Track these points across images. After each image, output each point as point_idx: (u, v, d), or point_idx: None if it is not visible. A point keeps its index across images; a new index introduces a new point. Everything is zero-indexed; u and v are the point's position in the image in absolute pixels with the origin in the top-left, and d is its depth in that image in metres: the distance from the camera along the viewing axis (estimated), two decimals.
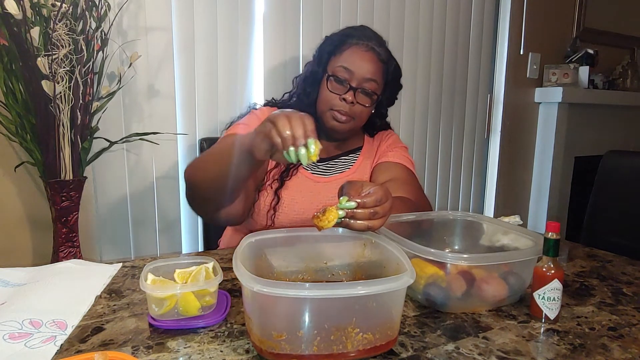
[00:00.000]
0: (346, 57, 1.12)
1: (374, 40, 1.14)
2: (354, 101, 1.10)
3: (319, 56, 1.18)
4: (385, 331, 0.61)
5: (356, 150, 1.25)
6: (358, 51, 1.12)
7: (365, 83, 1.11)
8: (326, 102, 1.12)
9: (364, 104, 1.12)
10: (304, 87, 1.19)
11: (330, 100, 1.11)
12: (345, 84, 1.10)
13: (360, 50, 1.12)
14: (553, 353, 0.63)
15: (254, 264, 0.74)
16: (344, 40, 1.14)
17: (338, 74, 1.11)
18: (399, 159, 1.23)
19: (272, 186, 1.15)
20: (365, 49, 1.12)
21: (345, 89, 1.10)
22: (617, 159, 1.55)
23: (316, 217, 0.71)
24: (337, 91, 1.11)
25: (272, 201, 1.14)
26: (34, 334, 0.63)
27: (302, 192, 1.15)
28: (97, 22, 1.21)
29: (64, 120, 1.15)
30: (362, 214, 0.71)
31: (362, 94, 1.11)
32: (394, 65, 1.18)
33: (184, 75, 1.54)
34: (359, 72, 1.10)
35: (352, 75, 1.10)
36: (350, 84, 1.10)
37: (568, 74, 2.36)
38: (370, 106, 1.14)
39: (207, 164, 0.96)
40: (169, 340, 0.64)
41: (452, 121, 2.20)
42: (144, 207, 1.54)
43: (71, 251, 1.23)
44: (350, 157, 1.24)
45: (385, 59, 1.14)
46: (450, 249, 0.96)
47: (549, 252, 0.71)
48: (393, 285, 0.58)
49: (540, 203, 2.49)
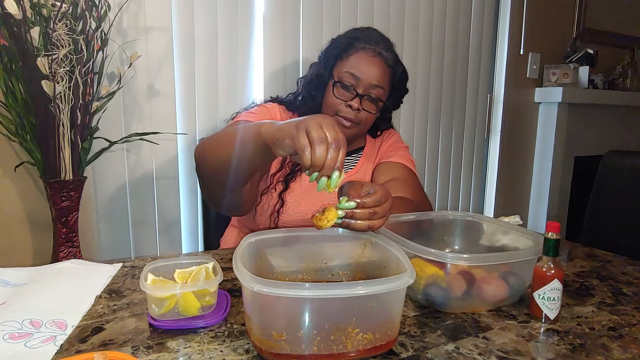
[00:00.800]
0: (353, 62, 1.09)
1: (381, 45, 1.11)
2: (359, 108, 1.08)
3: (325, 59, 1.15)
4: (385, 331, 0.61)
5: (358, 151, 1.25)
6: (365, 56, 1.09)
7: (371, 90, 1.09)
8: (331, 107, 1.10)
9: (370, 111, 1.11)
10: (309, 90, 1.17)
11: (335, 105, 1.10)
12: (351, 91, 1.08)
13: (367, 55, 1.09)
14: (553, 353, 0.63)
15: (254, 264, 0.74)
16: (351, 44, 1.11)
17: (344, 79, 1.09)
18: (400, 159, 1.22)
19: (276, 189, 1.13)
20: (372, 54, 1.09)
21: (352, 95, 1.08)
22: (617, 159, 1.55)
23: (315, 217, 0.71)
24: (342, 97, 1.09)
25: (276, 204, 1.13)
26: (34, 334, 0.63)
27: (306, 193, 1.15)
28: (97, 22, 1.21)
29: (64, 120, 1.15)
30: (361, 214, 0.71)
31: (368, 100, 1.10)
32: (401, 70, 1.16)
33: (184, 75, 1.54)
34: (365, 79, 1.08)
35: (358, 81, 1.08)
36: (356, 91, 1.08)
37: (568, 74, 2.36)
38: (375, 112, 1.13)
39: (219, 146, 0.90)
40: (169, 340, 0.64)
41: (452, 121, 2.20)
42: (144, 207, 1.54)
43: (71, 251, 1.23)
44: (352, 158, 1.23)
45: (392, 64, 1.12)
46: (450, 249, 0.96)
47: (549, 252, 0.71)
48: (393, 285, 0.58)
49: (540, 203, 2.49)
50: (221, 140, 0.91)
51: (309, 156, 0.66)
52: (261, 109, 1.16)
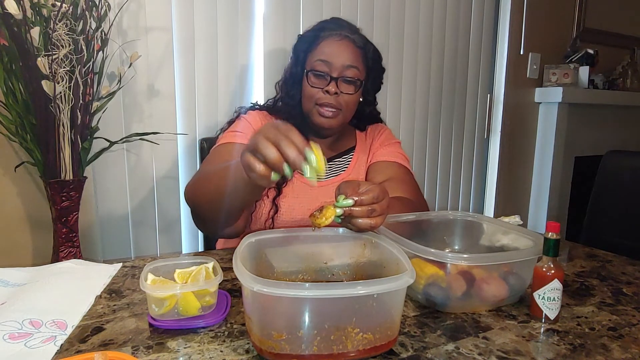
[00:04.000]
0: (322, 49, 1.10)
1: (346, 29, 1.13)
2: (337, 91, 1.08)
3: (296, 56, 1.16)
4: (385, 331, 0.61)
5: (350, 151, 1.24)
6: (332, 42, 1.11)
7: (345, 71, 1.09)
8: (310, 99, 1.10)
9: (348, 92, 1.10)
10: (287, 90, 1.17)
11: (313, 95, 1.10)
12: (325, 76, 1.09)
13: (334, 40, 1.11)
14: (553, 353, 0.63)
15: (254, 264, 0.74)
16: (317, 35, 1.13)
17: (317, 67, 1.09)
18: (394, 157, 1.21)
19: (269, 195, 1.13)
20: (339, 38, 1.11)
21: (327, 81, 1.09)
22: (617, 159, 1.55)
23: (314, 215, 0.71)
24: (318, 85, 1.09)
25: (270, 210, 1.12)
26: (34, 334, 0.63)
27: (300, 198, 1.14)
28: (97, 22, 1.21)
29: (64, 120, 1.15)
30: (359, 212, 0.71)
31: (344, 82, 1.10)
32: (372, 49, 1.16)
33: (184, 75, 1.54)
34: (337, 62, 1.09)
35: (330, 66, 1.09)
36: (330, 75, 1.09)
37: (568, 74, 2.36)
38: (355, 94, 1.12)
39: (207, 187, 0.93)
40: (169, 340, 0.64)
41: (452, 121, 2.20)
42: (144, 207, 1.54)
43: (71, 251, 1.23)
44: (345, 159, 1.22)
45: (361, 45, 1.13)
46: (450, 249, 0.96)
47: (549, 252, 0.71)
48: (393, 285, 0.58)
49: (540, 203, 2.49)
50: (208, 179, 0.93)
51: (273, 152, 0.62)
52: (243, 125, 1.15)
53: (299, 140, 0.63)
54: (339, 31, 1.12)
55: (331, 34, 1.11)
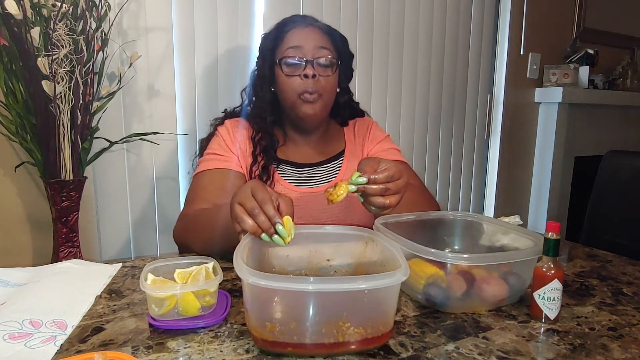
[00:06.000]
0: (289, 38, 1.10)
1: (309, 18, 1.14)
2: (315, 74, 1.06)
3: (262, 56, 1.16)
4: (377, 326, 0.61)
5: (339, 155, 1.21)
6: (299, 30, 1.11)
7: (318, 53, 1.08)
8: (289, 89, 1.09)
9: (327, 74, 1.09)
10: (256, 93, 1.16)
11: (291, 84, 1.08)
12: (300, 61, 1.07)
13: (300, 28, 1.11)
14: (553, 353, 0.63)
15: (256, 262, 0.74)
16: (281, 30, 1.13)
17: (288, 55, 1.08)
18: (394, 155, 1.20)
19: None
20: (304, 26, 1.11)
21: (302, 65, 1.07)
22: (617, 159, 1.55)
23: (327, 191, 0.74)
24: (294, 72, 1.08)
25: None
26: (34, 334, 0.63)
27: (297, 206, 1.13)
28: (97, 22, 1.21)
29: (64, 120, 1.15)
30: (373, 190, 0.71)
31: (320, 66, 1.08)
32: (338, 35, 1.17)
33: (184, 75, 1.54)
34: (308, 45, 1.08)
35: (302, 50, 1.08)
36: (305, 59, 1.07)
37: (568, 74, 2.36)
38: (332, 76, 1.11)
39: (199, 233, 0.95)
40: (169, 340, 0.64)
41: (452, 121, 2.20)
42: (144, 207, 1.54)
43: (71, 251, 1.23)
44: (335, 164, 1.19)
45: (327, 31, 1.14)
46: (450, 249, 0.96)
47: (549, 252, 0.71)
48: (384, 282, 0.58)
49: (540, 203, 2.49)
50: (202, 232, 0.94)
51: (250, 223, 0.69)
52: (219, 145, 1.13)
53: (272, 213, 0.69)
54: (302, 20, 1.13)
55: (295, 25, 1.12)
